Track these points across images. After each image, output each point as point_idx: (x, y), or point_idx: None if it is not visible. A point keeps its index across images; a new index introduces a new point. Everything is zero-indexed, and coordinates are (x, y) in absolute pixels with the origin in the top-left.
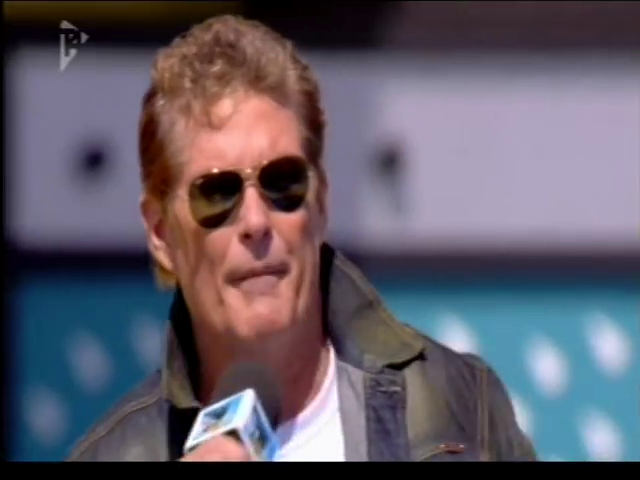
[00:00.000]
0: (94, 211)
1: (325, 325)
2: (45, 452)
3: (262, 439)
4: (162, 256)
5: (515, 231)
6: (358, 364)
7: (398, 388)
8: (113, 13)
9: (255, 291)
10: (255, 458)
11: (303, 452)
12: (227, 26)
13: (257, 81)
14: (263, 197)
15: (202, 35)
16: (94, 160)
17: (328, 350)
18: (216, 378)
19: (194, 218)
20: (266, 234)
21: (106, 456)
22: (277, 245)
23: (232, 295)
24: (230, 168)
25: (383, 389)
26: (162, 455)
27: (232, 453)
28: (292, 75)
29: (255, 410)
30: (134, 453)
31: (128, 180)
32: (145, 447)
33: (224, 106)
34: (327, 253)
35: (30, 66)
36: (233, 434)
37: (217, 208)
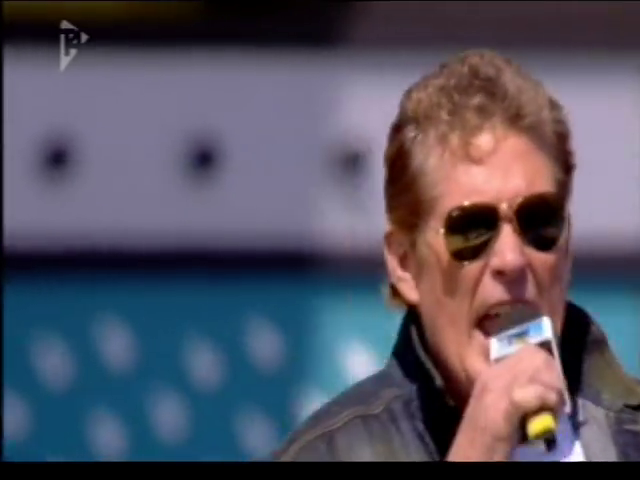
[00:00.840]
0: (58, 210)
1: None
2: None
3: (560, 357)
4: (406, 288)
5: None
6: (597, 402)
7: None
8: (71, 13)
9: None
10: (560, 374)
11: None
12: (484, 60)
13: (517, 119)
14: (518, 234)
15: (458, 67)
16: (58, 158)
17: None
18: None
19: (448, 250)
20: (521, 272)
21: (345, 447)
22: (529, 284)
23: (475, 347)
24: (489, 202)
25: (627, 427)
26: (401, 457)
27: (551, 361)
28: (548, 116)
29: (555, 335)
30: (369, 451)
31: (92, 179)
32: (384, 448)
33: (483, 141)
34: None
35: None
36: (544, 345)
37: (472, 242)
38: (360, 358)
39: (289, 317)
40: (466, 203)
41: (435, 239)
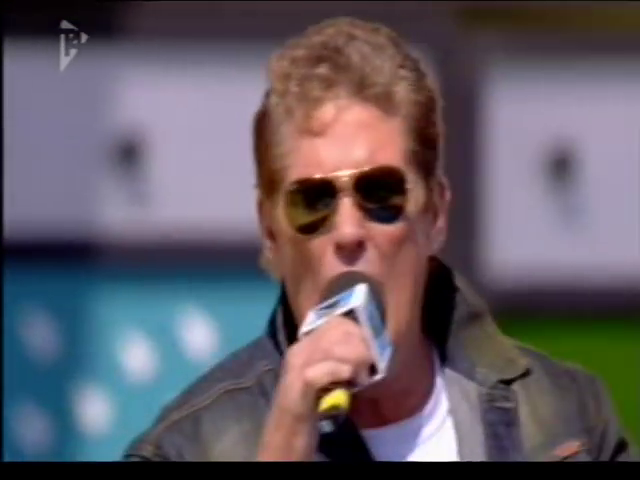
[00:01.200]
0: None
1: (428, 331)
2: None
3: (375, 330)
4: (272, 257)
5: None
6: (470, 376)
7: (512, 404)
8: None
9: None
10: (372, 346)
11: (418, 455)
12: (340, 29)
13: (361, 89)
14: (359, 207)
15: (313, 38)
16: None
17: (432, 357)
18: None
19: (289, 224)
20: (359, 245)
21: (212, 427)
22: (372, 257)
23: None
24: (326, 176)
25: (498, 405)
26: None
27: (352, 330)
28: (402, 85)
29: (369, 302)
30: (237, 429)
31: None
32: (252, 425)
33: (326, 112)
34: (433, 262)
35: None
36: (350, 315)
37: (312, 216)
38: (139, 351)
39: (69, 308)
40: (303, 177)
41: (281, 211)
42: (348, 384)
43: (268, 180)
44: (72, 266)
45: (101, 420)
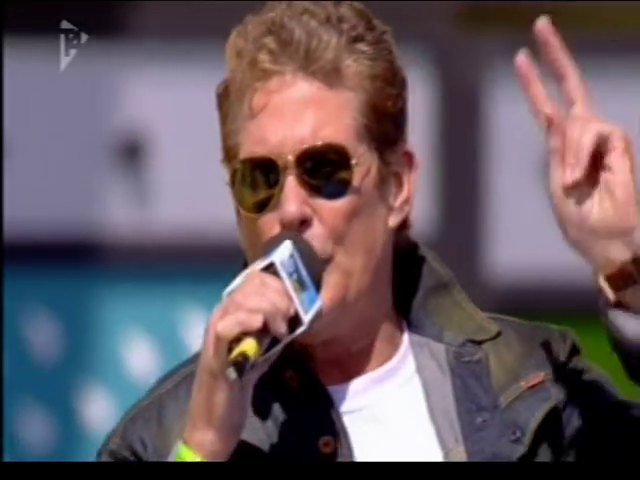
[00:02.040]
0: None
1: (397, 301)
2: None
3: (300, 283)
4: (239, 232)
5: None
6: (438, 339)
7: (480, 355)
8: None
9: None
10: (294, 297)
11: (385, 406)
12: (293, 4)
13: (307, 64)
14: (304, 184)
15: (265, 14)
16: None
17: (401, 325)
18: None
19: (239, 203)
20: (303, 222)
21: (173, 409)
22: (318, 233)
23: None
24: (269, 154)
25: (466, 359)
26: None
27: (267, 281)
28: (353, 58)
29: (292, 256)
30: None
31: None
32: None
33: (271, 89)
34: (401, 235)
35: None
36: (270, 269)
37: (259, 195)
38: (141, 350)
39: (71, 307)
40: (247, 156)
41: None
42: (261, 334)
43: (226, 156)
44: (75, 266)
45: (104, 419)
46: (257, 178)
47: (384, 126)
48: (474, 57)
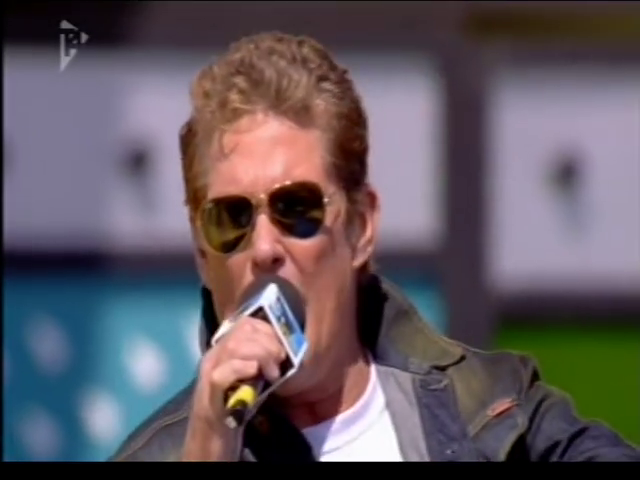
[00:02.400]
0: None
1: (362, 335)
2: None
3: (288, 326)
4: (203, 274)
5: None
6: (404, 368)
7: (446, 382)
8: None
9: None
10: (284, 341)
11: (357, 445)
12: (259, 45)
13: (278, 103)
14: (276, 223)
15: (233, 55)
16: None
17: (367, 358)
18: None
19: (208, 243)
20: (276, 261)
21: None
22: (291, 272)
23: None
24: (241, 193)
25: (433, 387)
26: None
27: (259, 327)
28: (322, 98)
29: (279, 299)
30: (175, 456)
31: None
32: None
33: (242, 128)
34: (363, 274)
35: None
36: (259, 314)
37: (229, 234)
38: (147, 358)
39: (76, 316)
40: (220, 195)
41: (201, 230)
42: (256, 380)
43: (193, 198)
44: (80, 274)
45: (109, 428)
46: (227, 218)
47: (351, 165)
48: (479, 65)
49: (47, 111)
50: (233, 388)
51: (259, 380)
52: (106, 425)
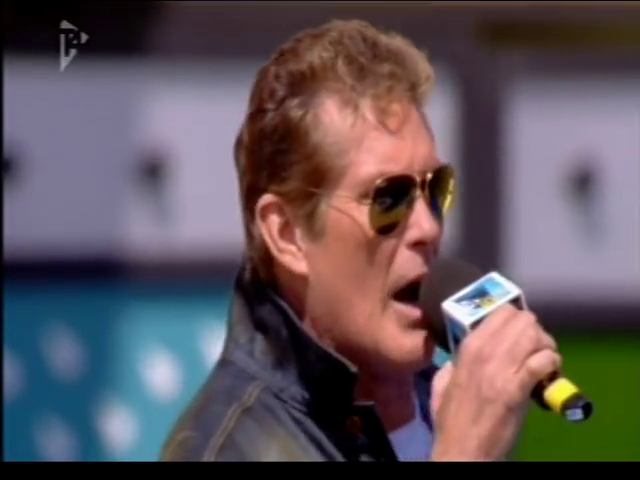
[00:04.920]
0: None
1: None
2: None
3: None
4: (289, 260)
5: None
6: None
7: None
8: None
9: (414, 317)
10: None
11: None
12: (363, 28)
13: (415, 88)
14: (429, 204)
15: (346, 34)
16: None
17: None
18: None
19: (370, 223)
20: (435, 242)
21: (249, 447)
22: (432, 255)
23: (392, 317)
24: (407, 172)
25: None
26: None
27: (532, 320)
28: (429, 82)
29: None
30: (275, 446)
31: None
32: (279, 440)
33: (395, 110)
34: None
35: None
36: (516, 303)
37: (392, 213)
38: (162, 368)
39: (92, 325)
40: (390, 174)
41: (347, 209)
42: (560, 374)
43: (314, 178)
44: (96, 284)
45: (125, 436)
46: (392, 197)
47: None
48: (495, 74)
49: (61, 120)
50: (547, 379)
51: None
52: (121, 434)
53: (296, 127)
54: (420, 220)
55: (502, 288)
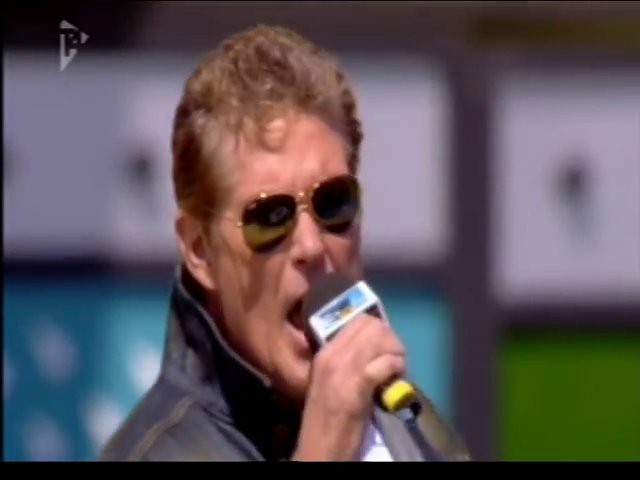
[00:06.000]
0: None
1: None
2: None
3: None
4: (202, 275)
5: None
6: None
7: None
8: None
9: (304, 345)
10: (395, 336)
11: (378, 449)
12: (269, 39)
13: (307, 100)
14: (316, 221)
15: (245, 49)
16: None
17: None
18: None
19: (247, 244)
20: (320, 259)
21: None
22: (329, 270)
23: (287, 340)
24: (284, 192)
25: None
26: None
27: (384, 324)
28: (337, 91)
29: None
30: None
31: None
32: (198, 457)
33: (276, 127)
34: None
35: None
36: (372, 311)
37: (271, 234)
38: (151, 365)
39: (81, 323)
40: (262, 195)
41: (233, 231)
42: (401, 375)
43: (206, 198)
44: (85, 280)
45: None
46: (268, 217)
47: (358, 155)
48: (485, 71)
49: (50, 117)
50: (385, 384)
51: (404, 374)
52: (110, 432)
53: (193, 145)
54: (302, 237)
55: (362, 297)
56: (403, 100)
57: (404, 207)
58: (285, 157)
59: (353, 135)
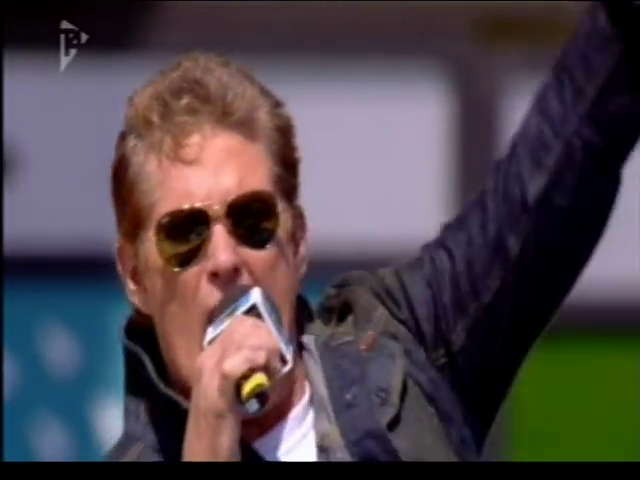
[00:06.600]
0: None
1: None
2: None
3: (276, 324)
4: (138, 301)
5: None
6: (309, 336)
7: (351, 338)
8: None
9: None
10: (277, 336)
11: (308, 440)
12: (197, 63)
13: (224, 117)
14: (232, 234)
15: (171, 73)
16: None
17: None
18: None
19: (161, 257)
20: (235, 272)
21: None
22: (246, 283)
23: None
24: (197, 205)
25: (335, 343)
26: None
27: (258, 323)
28: (263, 111)
29: (267, 299)
30: None
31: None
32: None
33: (192, 142)
34: None
35: None
36: (252, 312)
37: (184, 246)
38: None
39: (87, 322)
40: (174, 209)
41: (151, 247)
42: (264, 371)
43: (134, 219)
44: (91, 280)
45: (118, 432)
46: (183, 231)
47: (291, 179)
48: (491, 71)
49: (50, 117)
50: (244, 378)
51: (266, 371)
52: (115, 430)
53: (122, 166)
54: (215, 251)
55: (247, 300)
56: (410, 101)
57: (411, 207)
58: (201, 172)
59: (284, 158)
